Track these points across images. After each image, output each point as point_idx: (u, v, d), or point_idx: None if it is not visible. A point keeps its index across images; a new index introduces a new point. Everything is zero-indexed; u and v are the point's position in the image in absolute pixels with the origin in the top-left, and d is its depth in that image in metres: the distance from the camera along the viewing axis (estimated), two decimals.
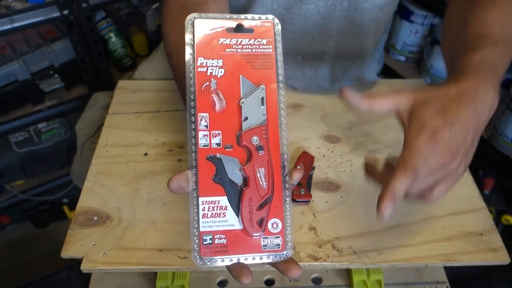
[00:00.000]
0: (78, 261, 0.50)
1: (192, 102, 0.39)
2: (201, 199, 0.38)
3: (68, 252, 0.51)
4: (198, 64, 0.40)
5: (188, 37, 0.40)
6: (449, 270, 0.59)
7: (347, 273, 0.59)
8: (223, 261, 0.38)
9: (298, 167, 0.46)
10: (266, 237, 0.39)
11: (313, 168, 0.61)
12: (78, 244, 0.52)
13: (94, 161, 0.62)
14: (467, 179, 0.61)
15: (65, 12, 1.09)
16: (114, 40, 1.35)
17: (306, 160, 0.60)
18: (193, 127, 0.39)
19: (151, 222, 0.54)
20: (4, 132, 1.27)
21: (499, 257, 0.52)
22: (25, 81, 1.24)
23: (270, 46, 0.41)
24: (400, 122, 0.44)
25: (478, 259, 0.52)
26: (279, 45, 0.41)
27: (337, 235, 0.53)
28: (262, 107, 0.40)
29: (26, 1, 1.05)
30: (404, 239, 0.53)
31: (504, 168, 1.22)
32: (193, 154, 0.38)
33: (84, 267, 0.50)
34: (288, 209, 0.39)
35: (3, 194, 1.40)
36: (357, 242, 0.53)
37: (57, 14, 1.09)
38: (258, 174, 0.39)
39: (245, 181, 0.39)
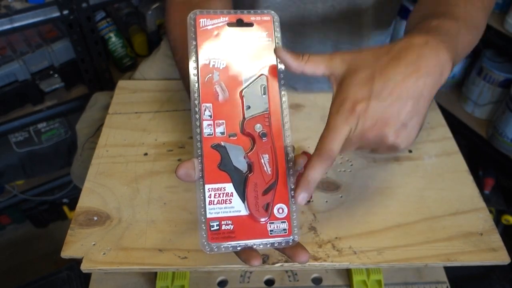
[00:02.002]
0: (78, 261, 0.50)
1: (196, 93, 0.40)
2: (207, 186, 0.39)
3: (68, 252, 0.51)
4: (201, 57, 0.41)
5: (190, 32, 0.41)
6: (449, 270, 0.59)
7: (347, 273, 0.59)
8: (231, 248, 0.38)
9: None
10: (273, 222, 0.39)
11: None
12: (78, 244, 0.52)
13: (94, 161, 0.62)
14: (467, 179, 0.61)
15: (65, 12, 1.09)
16: (114, 40, 1.35)
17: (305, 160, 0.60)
18: (197, 117, 0.40)
19: (151, 222, 0.54)
20: (4, 132, 1.27)
21: (499, 257, 0.52)
22: (25, 81, 1.24)
23: (270, 39, 0.42)
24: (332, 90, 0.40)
25: (478, 259, 0.52)
26: (279, 37, 0.42)
27: (337, 235, 0.53)
28: (264, 96, 0.41)
29: (26, 1, 1.05)
30: (404, 239, 0.53)
31: (504, 168, 1.22)
32: (198, 143, 0.39)
33: (84, 267, 0.50)
34: (293, 194, 0.39)
35: (3, 194, 1.40)
36: (357, 242, 0.53)
37: (57, 14, 1.09)
38: (262, 160, 0.40)
39: (250, 168, 0.40)
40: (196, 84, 0.40)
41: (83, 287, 1.13)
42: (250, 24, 0.42)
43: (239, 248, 0.38)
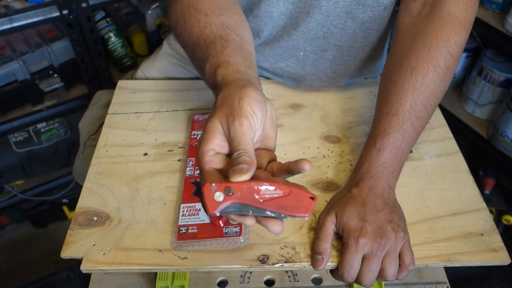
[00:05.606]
0: (78, 262, 0.50)
1: (186, 153, 0.62)
2: (182, 205, 0.55)
3: (67, 252, 0.51)
4: (192, 134, 0.65)
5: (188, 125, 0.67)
6: (449, 271, 0.59)
7: None
8: (194, 247, 0.51)
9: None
10: (228, 227, 0.52)
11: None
12: (77, 244, 0.51)
13: (94, 161, 0.62)
14: (468, 179, 0.61)
15: (65, 12, 1.09)
16: (113, 40, 1.35)
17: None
18: (185, 165, 0.61)
19: (151, 222, 0.54)
20: (3, 132, 1.26)
21: (500, 258, 0.52)
22: (24, 81, 1.24)
23: None
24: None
25: (479, 260, 0.52)
26: None
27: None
28: None
29: (26, 0, 1.05)
30: None
31: (504, 168, 1.22)
32: (183, 180, 0.58)
33: (84, 267, 0.50)
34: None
35: (2, 194, 1.40)
36: None
37: (56, 14, 1.09)
38: None
39: None
40: (186, 147, 0.63)
41: None
42: None
43: (200, 248, 0.51)
